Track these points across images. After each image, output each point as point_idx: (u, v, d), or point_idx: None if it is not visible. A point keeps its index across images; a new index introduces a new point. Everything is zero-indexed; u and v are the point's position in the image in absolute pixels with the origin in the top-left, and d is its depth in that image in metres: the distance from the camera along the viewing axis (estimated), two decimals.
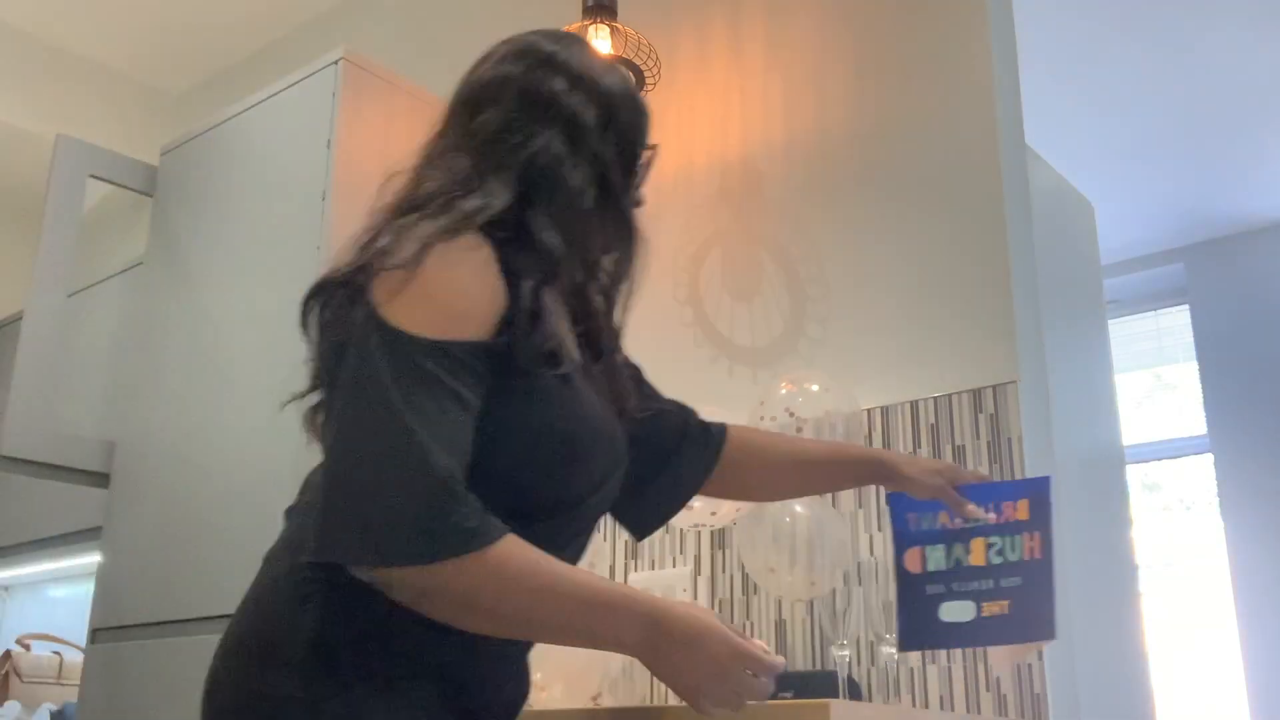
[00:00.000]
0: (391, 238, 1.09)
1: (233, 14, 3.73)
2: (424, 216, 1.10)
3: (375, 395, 1.01)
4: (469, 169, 1.16)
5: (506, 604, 1.02)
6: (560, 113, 1.20)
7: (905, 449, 2.03)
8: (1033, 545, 1.47)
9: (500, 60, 1.27)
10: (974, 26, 2.17)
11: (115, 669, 2.24)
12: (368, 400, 1.02)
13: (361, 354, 1.04)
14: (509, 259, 1.11)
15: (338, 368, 1.08)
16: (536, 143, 1.17)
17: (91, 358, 2.86)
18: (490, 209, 1.12)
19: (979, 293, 2.04)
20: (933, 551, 1.49)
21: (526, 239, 1.13)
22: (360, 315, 1.06)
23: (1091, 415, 2.71)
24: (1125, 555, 2.72)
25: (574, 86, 1.23)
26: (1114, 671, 2.45)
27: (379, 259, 1.08)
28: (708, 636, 1.04)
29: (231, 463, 2.15)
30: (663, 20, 2.66)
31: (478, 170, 1.15)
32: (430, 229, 1.08)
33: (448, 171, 1.16)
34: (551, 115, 1.20)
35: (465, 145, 1.19)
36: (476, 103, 1.23)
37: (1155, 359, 4.94)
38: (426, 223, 1.09)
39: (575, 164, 1.19)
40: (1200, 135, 3.94)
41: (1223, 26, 3.35)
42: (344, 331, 1.08)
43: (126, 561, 2.32)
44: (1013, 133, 2.16)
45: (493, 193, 1.13)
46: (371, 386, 1.02)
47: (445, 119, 1.26)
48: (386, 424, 1.00)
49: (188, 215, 2.50)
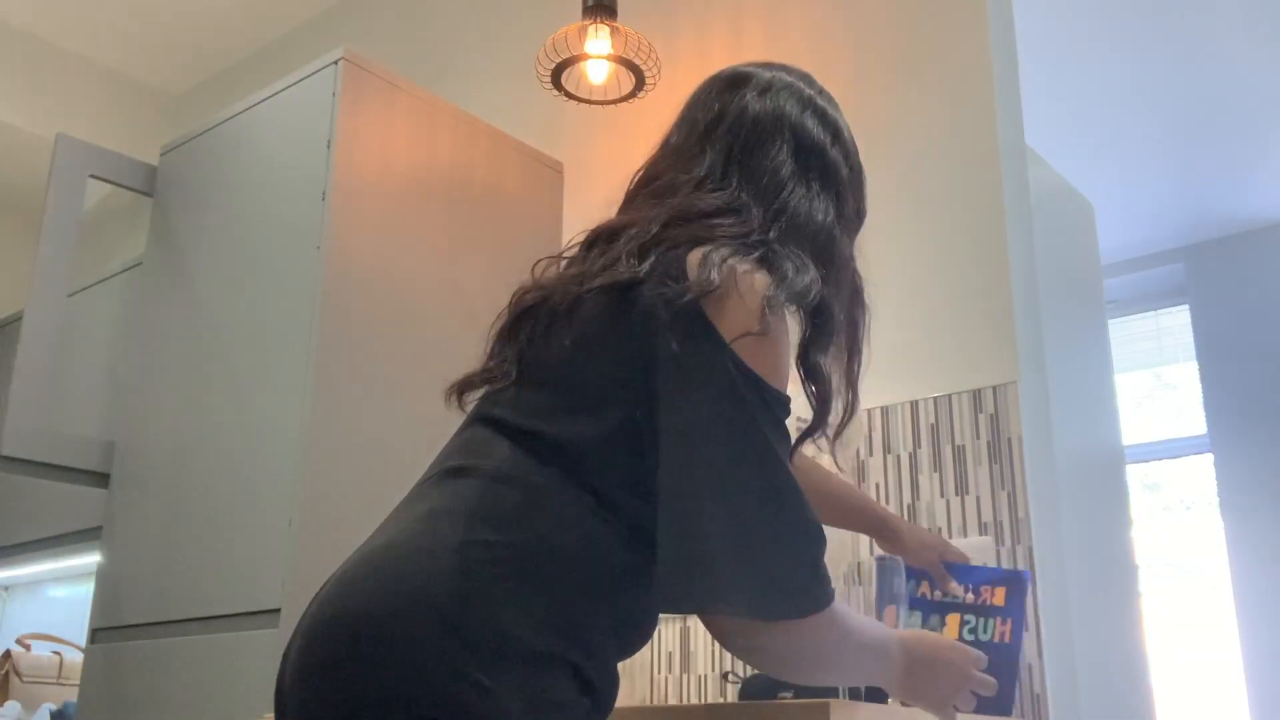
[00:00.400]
0: (718, 273, 1.04)
1: (233, 14, 3.73)
2: (736, 255, 1.07)
3: (757, 442, 1.00)
4: (762, 219, 1.14)
5: (838, 655, 1.06)
6: (830, 174, 1.21)
7: (905, 449, 2.04)
8: (1004, 630, 1.59)
9: (772, 93, 1.25)
10: (974, 27, 2.17)
11: (115, 669, 2.24)
12: (750, 445, 1.00)
13: (730, 395, 1.01)
14: None
15: (656, 381, 1.03)
16: (817, 205, 1.17)
17: (91, 358, 2.86)
18: (813, 293, 1.10)
19: (979, 293, 2.04)
20: (910, 617, 1.59)
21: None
22: (709, 345, 1.02)
23: (1091, 415, 2.71)
24: (1125, 555, 2.72)
25: (836, 140, 1.25)
26: (1114, 671, 2.45)
27: (708, 290, 1.03)
28: (944, 650, 1.14)
29: (231, 463, 2.15)
30: (663, 20, 2.66)
31: (776, 227, 1.13)
32: (765, 284, 1.05)
33: (736, 208, 1.14)
34: (821, 171, 1.21)
35: (743, 181, 1.17)
36: (755, 134, 1.21)
37: (1155, 359, 4.94)
38: (760, 276, 1.06)
39: (843, 231, 1.20)
40: (1200, 135, 3.94)
41: (1223, 27, 3.35)
42: (681, 351, 1.03)
43: (126, 561, 2.32)
44: (1013, 133, 2.16)
45: (810, 272, 1.11)
46: (750, 430, 1.00)
47: (704, 126, 1.23)
48: (777, 475, 1.00)
49: (188, 215, 2.50)
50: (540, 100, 2.72)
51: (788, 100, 1.24)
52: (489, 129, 2.54)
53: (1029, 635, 1.81)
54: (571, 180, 2.69)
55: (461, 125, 2.47)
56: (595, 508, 1.04)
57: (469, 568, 0.98)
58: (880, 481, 2.05)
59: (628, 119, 2.62)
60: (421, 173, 2.35)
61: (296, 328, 2.12)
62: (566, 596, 1.00)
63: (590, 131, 2.71)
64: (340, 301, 2.13)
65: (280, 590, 1.94)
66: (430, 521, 1.04)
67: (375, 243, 2.23)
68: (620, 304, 1.08)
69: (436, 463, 1.15)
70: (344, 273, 2.15)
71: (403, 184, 2.31)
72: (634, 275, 1.08)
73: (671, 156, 1.24)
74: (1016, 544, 1.86)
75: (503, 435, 1.10)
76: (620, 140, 2.65)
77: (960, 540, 1.90)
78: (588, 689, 1.01)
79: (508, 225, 2.51)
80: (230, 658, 1.99)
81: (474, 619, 0.95)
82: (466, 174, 2.45)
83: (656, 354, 1.03)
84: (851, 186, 1.26)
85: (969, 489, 1.94)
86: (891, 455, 2.05)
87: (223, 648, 2.01)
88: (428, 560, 0.99)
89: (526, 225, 2.56)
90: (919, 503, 1.99)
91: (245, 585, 2.03)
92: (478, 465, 1.08)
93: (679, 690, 2.12)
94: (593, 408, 1.06)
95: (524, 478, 1.04)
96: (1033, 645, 1.80)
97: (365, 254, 2.20)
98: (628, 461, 1.04)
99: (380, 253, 2.23)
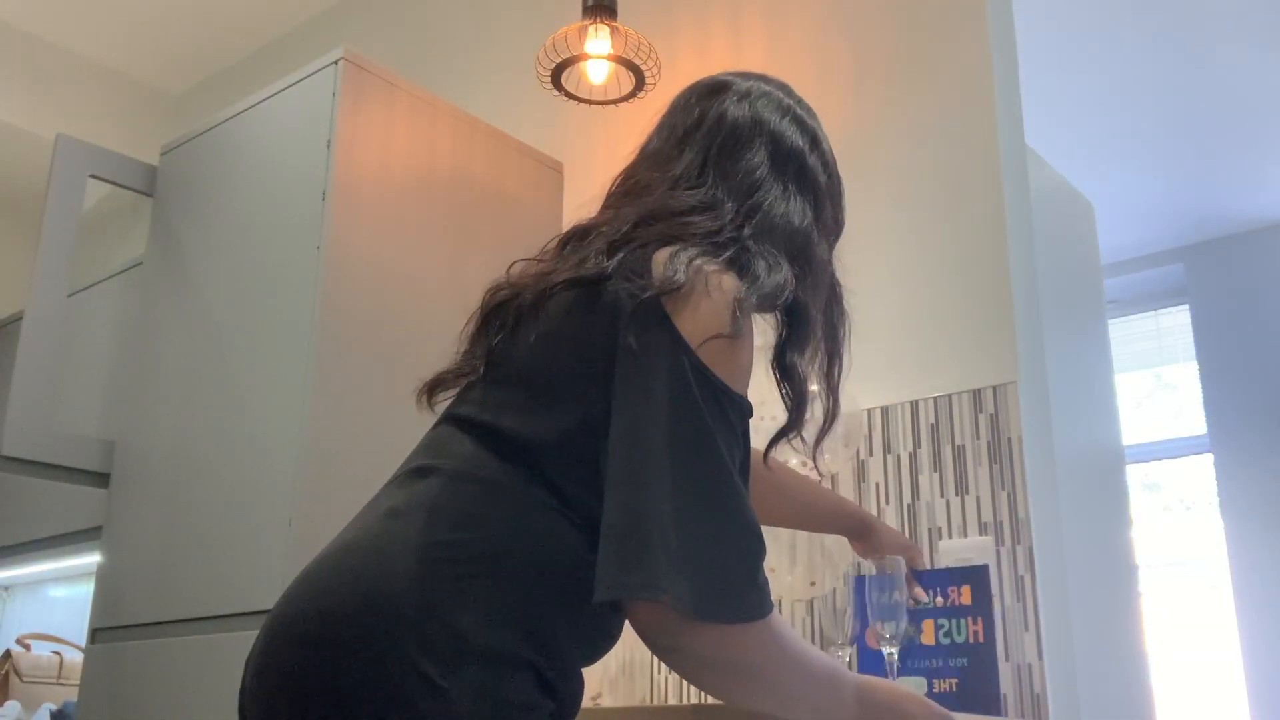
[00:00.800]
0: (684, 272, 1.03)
1: (233, 14, 3.73)
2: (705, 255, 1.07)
3: (703, 440, 0.99)
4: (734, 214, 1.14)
5: (774, 676, 1.01)
6: (807, 179, 1.22)
7: (905, 449, 2.03)
8: (976, 629, 1.62)
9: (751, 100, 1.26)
10: (974, 26, 2.17)
11: (115, 669, 2.24)
12: (695, 441, 0.98)
13: (682, 391, 0.99)
14: None
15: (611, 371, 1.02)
16: (793, 206, 1.18)
17: (91, 358, 2.86)
18: (785, 294, 1.10)
19: (979, 293, 2.04)
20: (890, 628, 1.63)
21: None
22: (666, 341, 1.01)
23: (1091, 415, 2.71)
24: (1125, 555, 2.72)
25: (814, 148, 1.26)
26: (1114, 671, 2.45)
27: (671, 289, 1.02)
28: (907, 702, 1.09)
29: (231, 463, 2.15)
30: (663, 20, 2.66)
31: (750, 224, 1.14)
32: (734, 286, 1.05)
33: (709, 204, 1.15)
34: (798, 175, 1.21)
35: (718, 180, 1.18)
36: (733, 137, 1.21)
37: (1155, 359, 4.94)
38: (729, 278, 1.05)
39: (821, 236, 1.20)
40: (1200, 135, 3.95)
41: (1223, 27, 3.35)
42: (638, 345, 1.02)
43: (126, 561, 2.32)
44: (1013, 133, 2.16)
45: (784, 271, 1.11)
46: (697, 427, 0.99)
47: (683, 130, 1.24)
48: (720, 475, 0.98)
49: (188, 215, 2.50)
50: (540, 100, 2.72)
51: (766, 107, 1.25)
52: (489, 129, 2.54)
53: (1029, 635, 1.81)
54: (571, 180, 2.69)
55: (461, 125, 2.47)
56: (556, 505, 1.02)
57: (426, 567, 0.98)
58: (880, 481, 2.05)
59: (628, 119, 2.62)
60: (421, 172, 2.35)
61: (296, 328, 2.12)
62: (525, 596, 0.99)
63: (590, 131, 2.71)
64: (340, 301, 2.13)
65: (280, 590, 1.93)
66: (390, 521, 1.04)
67: (375, 243, 2.23)
68: (585, 299, 1.08)
69: (404, 464, 1.15)
70: (344, 273, 2.15)
71: (403, 184, 2.31)
72: (600, 271, 1.07)
73: (650, 159, 1.25)
74: (1016, 544, 1.86)
75: (466, 433, 1.09)
76: (620, 140, 2.65)
77: (960, 540, 1.90)
78: (549, 691, 1.00)
79: (508, 225, 2.51)
80: (230, 658, 1.99)
81: (429, 617, 0.95)
82: (466, 174, 2.45)
83: (617, 348, 1.02)
84: (830, 194, 1.26)
85: (969, 489, 1.94)
86: (891, 455, 2.05)
87: (223, 648, 2.01)
88: (386, 560, 0.99)
89: (526, 225, 2.56)
90: (919, 503, 1.99)
91: (246, 585, 2.03)
92: (439, 465, 1.07)
93: (679, 690, 2.13)
94: (554, 404, 1.05)
95: (484, 475, 1.04)
96: (1033, 645, 1.80)
97: (365, 254, 2.20)
98: (588, 458, 1.02)
99: (380, 253, 2.23)
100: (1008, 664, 1.81)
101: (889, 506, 2.02)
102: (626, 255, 1.08)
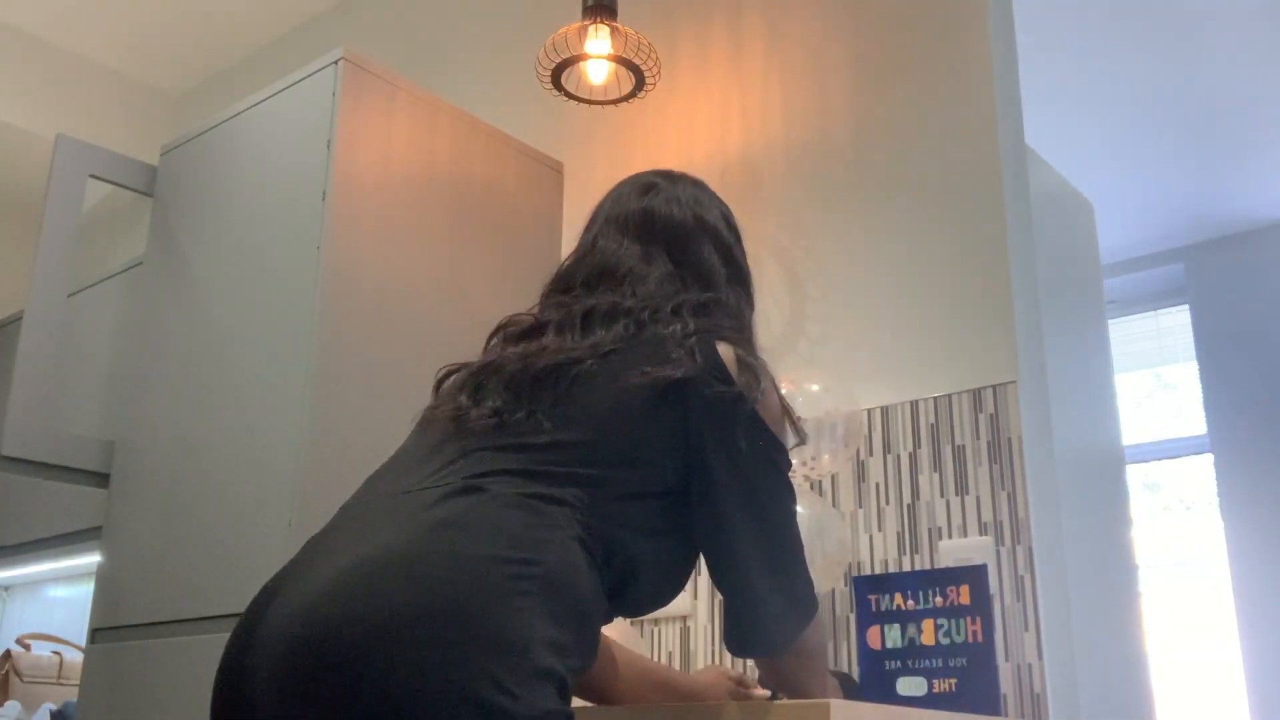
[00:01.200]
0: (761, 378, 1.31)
1: (233, 14, 3.73)
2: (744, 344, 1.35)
3: (793, 516, 1.32)
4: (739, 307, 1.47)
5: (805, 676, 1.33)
6: (740, 270, 1.50)
7: (905, 449, 2.04)
8: (975, 629, 1.65)
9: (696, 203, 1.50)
10: (974, 26, 2.17)
11: (115, 669, 2.24)
12: (783, 513, 1.31)
13: (784, 480, 1.31)
14: None
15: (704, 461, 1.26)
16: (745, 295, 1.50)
17: (91, 358, 2.86)
18: None
19: (979, 293, 2.04)
20: (890, 630, 1.64)
21: None
22: (773, 446, 1.30)
23: (1091, 415, 2.71)
24: (1125, 555, 2.72)
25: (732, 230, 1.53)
26: (1114, 671, 2.45)
27: (752, 383, 1.29)
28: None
29: (231, 463, 2.15)
30: (663, 20, 2.66)
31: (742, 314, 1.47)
32: (762, 366, 1.34)
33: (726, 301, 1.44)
34: (741, 264, 1.51)
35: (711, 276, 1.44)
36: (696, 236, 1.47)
37: (1155, 359, 4.94)
38: (770, 375, 1.35)
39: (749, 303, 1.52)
40: (1200, 135, 3.95)
41: (1222, 27, 3.35)
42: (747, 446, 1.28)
43: (126, 561, 2.32)
44: (1013, 133, 2.16)
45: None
46: (791, 508, 1.32)
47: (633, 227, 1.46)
48: (796, 537, 1.31)
49: (188, 215, 2.50)
50: (540, 100, 2.72)
51: (710, 208, 1.50)
52: (489, 129, 2.54)
53: (1028, 635, 1.81)
54: (571, 180, 2.69)
55: (461, 125, 2.47)
56: (586, 543, 1.17)
57: (495, 581, 1.05)
58: (880, 481, 2.05)
59: (628, 119, 2.62)
60: (421, 173, 2.35)
61: (296, 328, 2.12)
62: (561, 617, 1.08)
63: (590, 131, 2.71)
64: (340, 301, 2.13)
65: None
66: (449, 531, 1.09)
67: (375, 243, 2.23)
68: (672, 391, 1.26)
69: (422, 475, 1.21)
70: (344, 273, 2.15)
71: (403, 184, 2.31)
72: (688, 373, 1.27)
73: (613, 252, 1.43)
74: (1016, 544, 1.86)
75: (514, 462, 1.20)
76: (620, 140, 2.65)
77: (960, 540, 1.90)
78: (568, 701, 1.09)
79: (508, 225, 2.51)
80: None
81: (500, 629, 1.02)
82: (466, 174, 2.45)
83: (705, 438, 1.25)
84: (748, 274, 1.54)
85: (969, 489, 1.94)
86: (891, 455, 2.05)
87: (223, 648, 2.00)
88: (458, 569, 1.05)
89: (526, 225, 2.56)
90: (919, 503, 1.99)
91: (245, 585, 2.02)
92: (488, 487, 1.16)
93: None
94: (617, 464, 1.22)
95: (536, 507, 1.15)
96: (1033, 645, 1.80)
97: (365, 254, 2.20)
98: (626, 515, 1.21)
99: (380, 253, 2.23)
100: (1007, 664, 1.81)
101: (889, 506, 2.02)
102: (697, 352, 1.28)
